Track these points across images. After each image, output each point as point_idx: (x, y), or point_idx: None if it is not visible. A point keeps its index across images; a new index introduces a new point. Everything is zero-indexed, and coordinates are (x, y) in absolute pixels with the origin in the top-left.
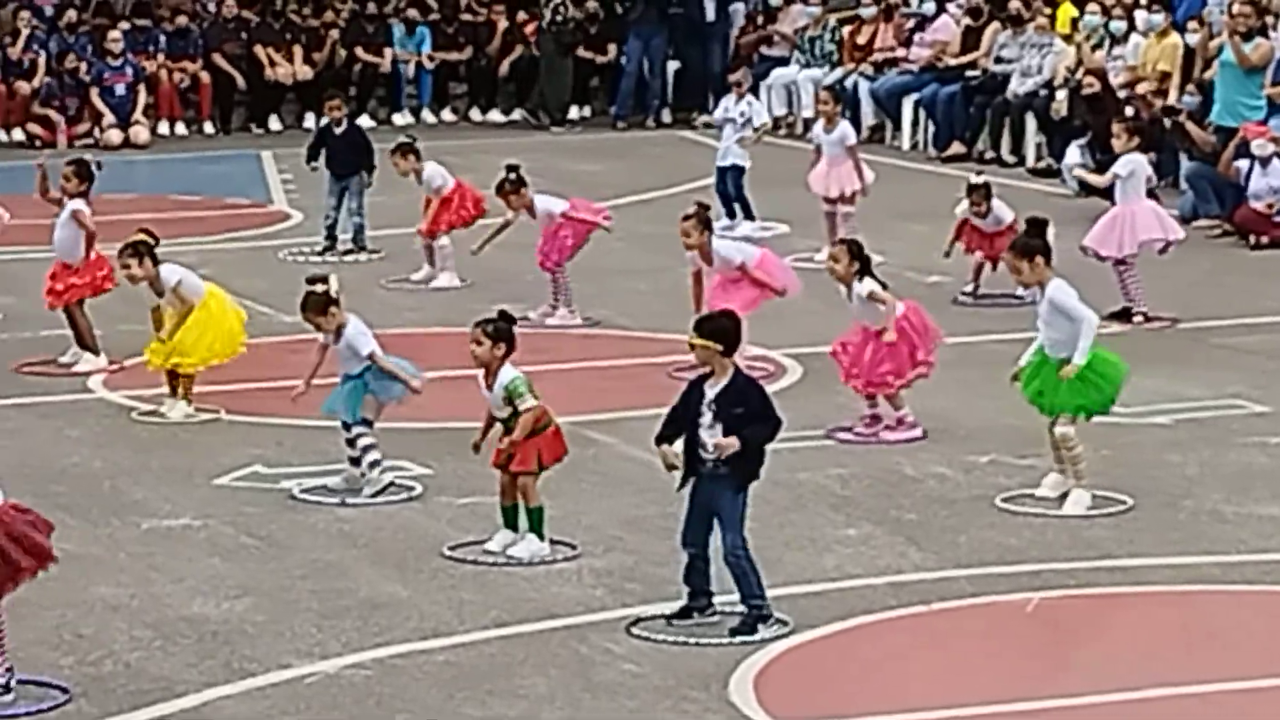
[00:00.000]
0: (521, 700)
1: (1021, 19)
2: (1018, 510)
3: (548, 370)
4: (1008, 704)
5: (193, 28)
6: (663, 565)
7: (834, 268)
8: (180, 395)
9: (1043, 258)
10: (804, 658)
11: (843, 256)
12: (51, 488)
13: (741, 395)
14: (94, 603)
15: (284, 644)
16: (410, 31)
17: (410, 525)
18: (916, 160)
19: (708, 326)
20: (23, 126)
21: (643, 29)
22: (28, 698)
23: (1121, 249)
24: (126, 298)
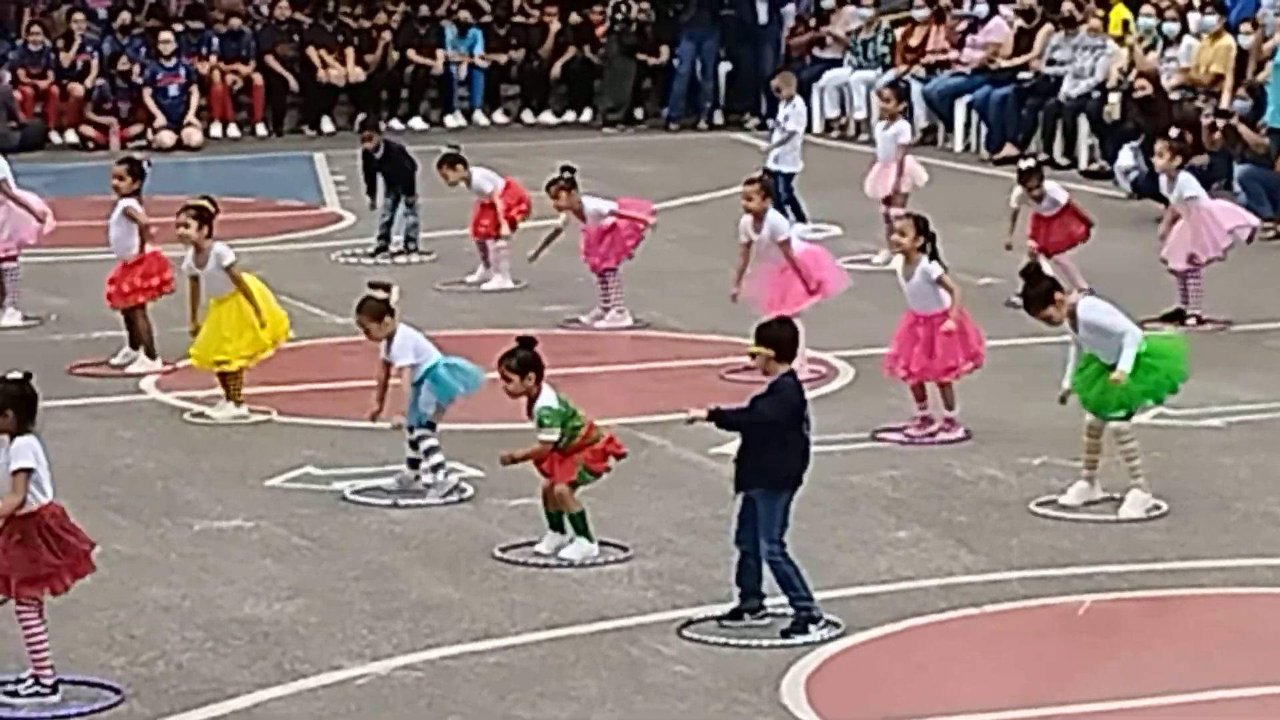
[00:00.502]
0: (573, 702)
1: (1074, 21)
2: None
3: (599, 372)
4: (1059, 707)
5: (245, 30)
6: (714, 567)
7: (900, 241)
8: (230, 397)
9: (1057, 292)
10: (855, 660)
11: (909, 230)
12: (104, 489)
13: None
14: (146, 604)
15: (335, 645)
16: (462, 33)
17: (461, 527)
18: (969, 162)
19: (764, 335)
20: (76, 129)
21: (695, 31)
22: (80, 698)
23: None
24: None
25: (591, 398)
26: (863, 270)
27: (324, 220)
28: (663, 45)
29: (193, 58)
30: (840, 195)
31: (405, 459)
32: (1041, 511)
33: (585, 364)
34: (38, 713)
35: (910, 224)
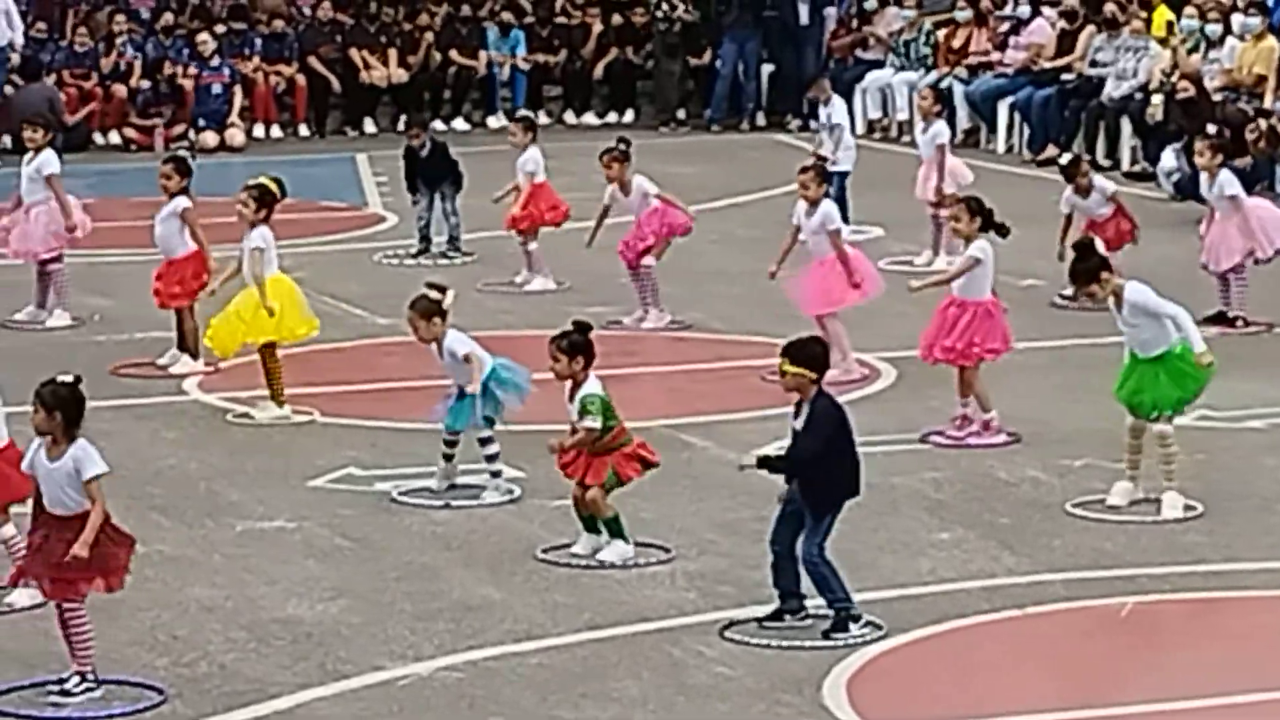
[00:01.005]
0: (614, 703)
1: (1117, 22)
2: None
3: (640, 373)
4: (1101, 709)
5: (288, 31)
6: (755, 568)
7: (957, 227)
8: (273, 397)
9: (1105, 271)
10: (897, 662)
11: (963, 214)
12: (147, 489)
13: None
14: (189, 604)
15: (378, 646)
16: (504, 34)
17: (504, 528)
18: (1011, 164)
19: (800, 354)
20: (119, 130)
21: (737, 32)
22: (124, 698)
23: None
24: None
25: (633, 399)
26: (905, 271)
27: (366, 221)
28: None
29: (236, 59)
30: (883, 197)
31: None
32: (1083, 513)
33: (627, 365)
34: (84, 711)
35: (963, 209)
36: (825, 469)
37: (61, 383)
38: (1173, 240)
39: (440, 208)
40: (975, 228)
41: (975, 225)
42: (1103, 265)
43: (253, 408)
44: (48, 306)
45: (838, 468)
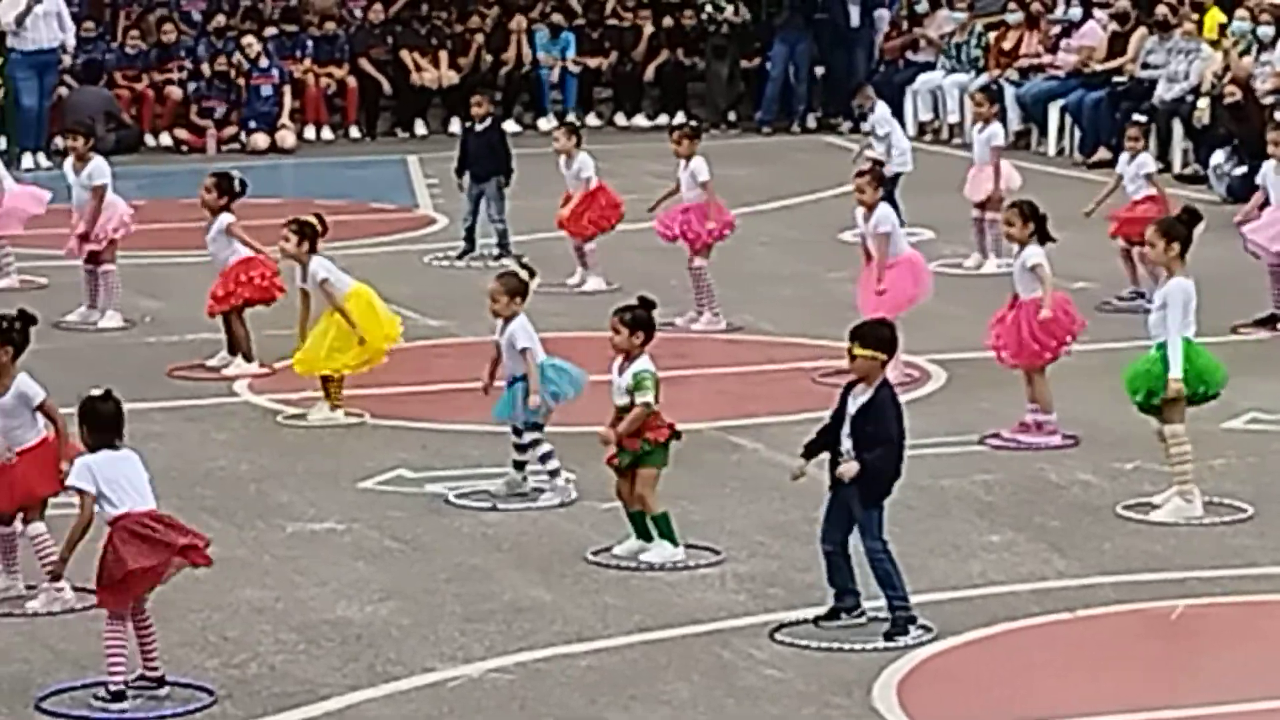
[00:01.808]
0: (664, 705)
1: (1169, 25)
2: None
3: (691, 375)
4: (1151, 712)
5: (339, 33)
6: (806, 570)
7: (1009, 231)
8: (330, 399)
9: (1180, 245)
10: (947, 664)
11: (1016, 219)
12: (198, 490)
13: (879, 412)
14: (239, 605)
15: (428, 648)
16: (554, 36)
17: (554, 530)
18: (1062, 166)
19: (871, 336)
20: (170, 132)
21: (788, 34)
22: (175, 699)
23: None
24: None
25: (683, 401)
26: (955, 274)
27: (417, 223)
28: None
29: (287, 60)
30: (933, 199)
31: (511, 461)
32: (1134, 516)
33: (678, 367)
34: (135, 712)
35: (1015, 213)
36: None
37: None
38: (1224, 243)
39: (486, 211)
40: (1028, 233)
41: (1028, 230)
42: (1183, 239)
43: (308, 409)
44: (99, 307)
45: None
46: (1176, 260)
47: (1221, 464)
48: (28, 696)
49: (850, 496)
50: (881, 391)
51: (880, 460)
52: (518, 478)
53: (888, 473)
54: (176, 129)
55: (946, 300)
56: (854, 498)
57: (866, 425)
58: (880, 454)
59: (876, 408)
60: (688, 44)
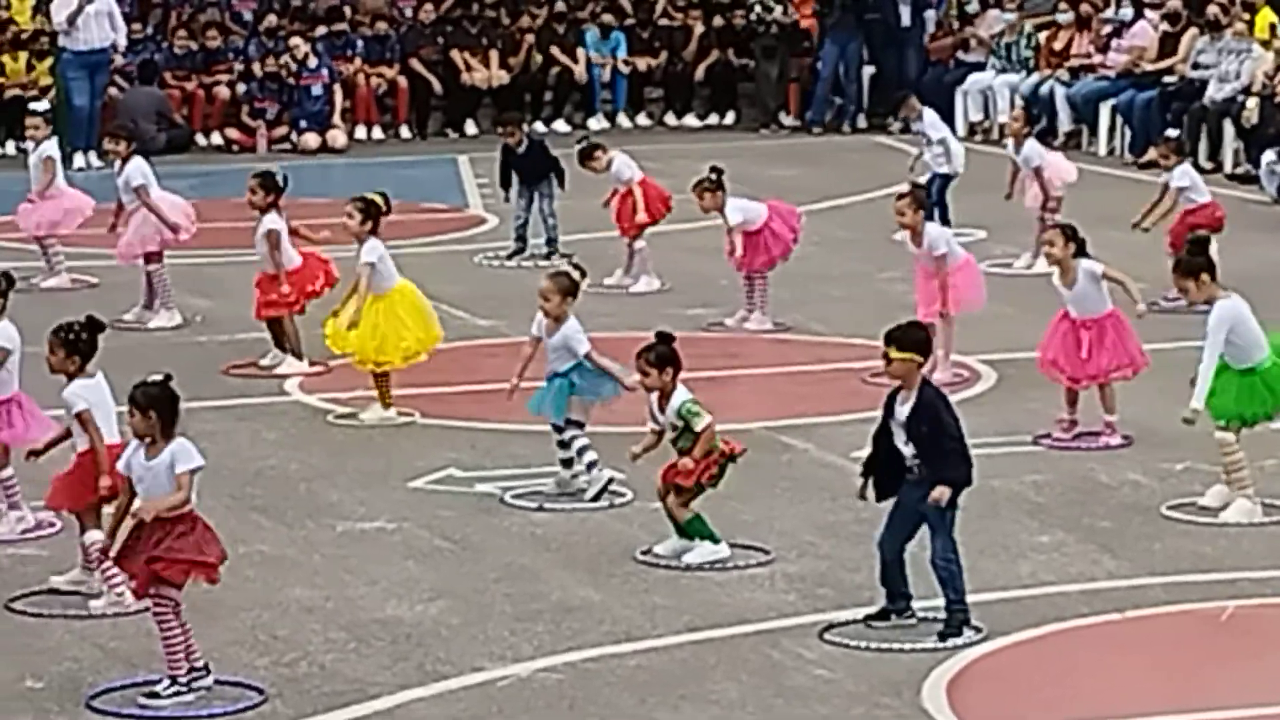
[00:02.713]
0: (713, 705)
1: (1220, 25)
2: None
3: (740, 375)
4: (1202, 713)
5: (390, 33)
6: (855, 571)
7: (1051, 252)
8: (381, 399)
9: (1208, 274)
10: (997, 665)
11: (1058, 240)
12: (248, 490)
13: (929, 410)
14: (289, 604)
15: (477, 647)
16: (605, 36)
17: (603, 529)
18: (1113, 166)
19: (906, 339)
20: (221, 131)
21: (839, 34)
22: (223, 698)
23: None
24: (327, 302)
25: (733, 401)
26: (1005, 274)
27: (467, 223)
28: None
29: (338, 60)
30: (984, 199)
31: (558, 460)
32: (1184, 517)
33: (727, 367)
34: (183, 711)
35: (1058, 234)
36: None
37: (153, 382)
38: (1274, 242)
39: (538, 209)
40: (1070, 253)
41: (1070, 250)
42: (1205, 267)
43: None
44: (154, 307)
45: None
46: (1212, 287)
47: (1273, 465)
48: (78, 695)
49: (922, 500)
50: (925, 391)
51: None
52: (566, 476)
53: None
54: (227, 128)
55: (996, 300)
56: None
57: (921, 426)
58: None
59: (925, 407)
60: (738, 44)
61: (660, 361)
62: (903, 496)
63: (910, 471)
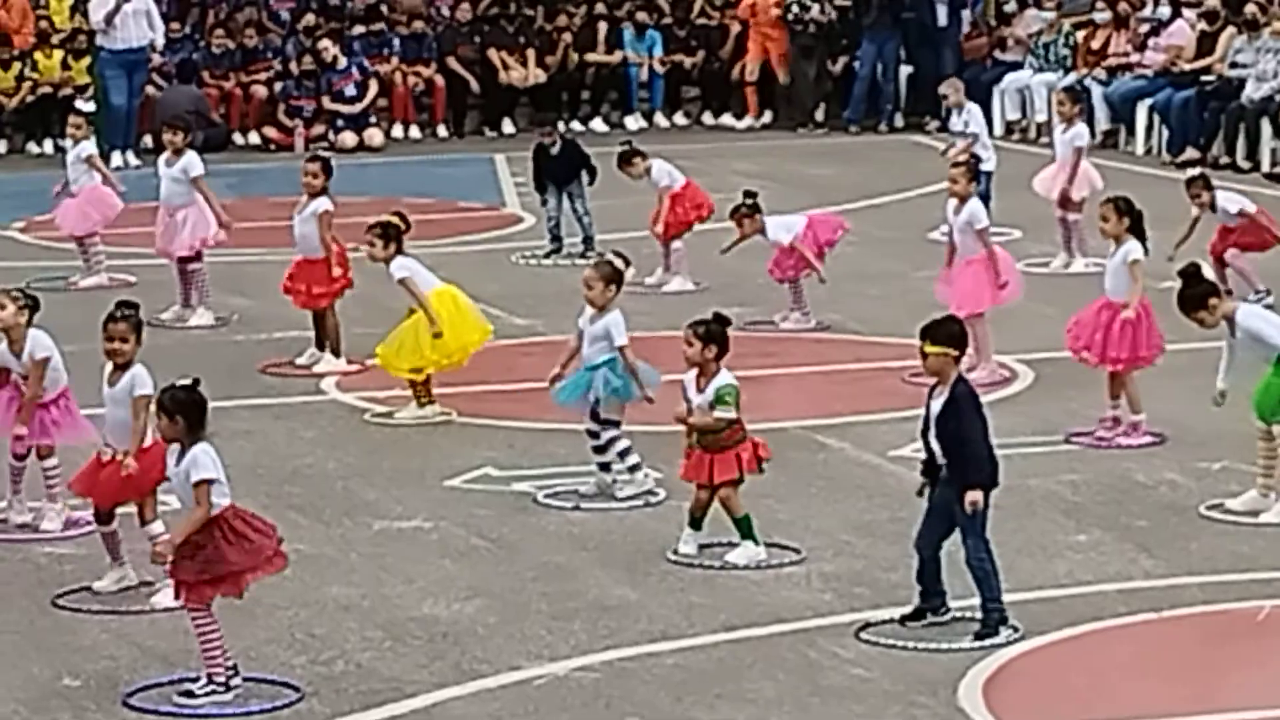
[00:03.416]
0: (750, 704)
1: (1258, 23)
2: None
3: (777, 374)
4: (1239, 713)
5: (427, 32)
6: (892, 570)
7: (1103, 227)
8: (418, 399)
9: (1214, 298)
10: (1033, 664)
11: (1111, 214)
12: (285, 488)
13: (959, 408)
14: (326, 603)
15: (514, 646)
16: (641, 35)
17: (640, 529)
18: (1151, 165)
19: (943, 334)
20: (259, 130)
21: (876, 34)
22: (261, 696)
23: None
24: (361, 301)
25: (770, 399)
26: (1042, 274)
27: (504, 221)
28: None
29: (374, 60)
30: (1021, 198)
31: (595, 463)
32: (1221, 516)
33: (765, 366)
34: (221, 709)
35: (1111, 208)
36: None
37: (180, 388)
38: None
39: (570, 208)
40: (1124, 228)
41: (1124, 225)
42: (1210, 292)
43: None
44: (192, 305)
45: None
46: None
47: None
48: (115, 693)
49: (954, 499)
50: (958, 388)
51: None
52: (606, 479)
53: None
54: (265, 127)
55: (1033, 299)
56: (957, 501)
57: (949, 422)
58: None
59: (956, 404)
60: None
61: (707, 337)
62: (936, 496)
63: (941, 470)
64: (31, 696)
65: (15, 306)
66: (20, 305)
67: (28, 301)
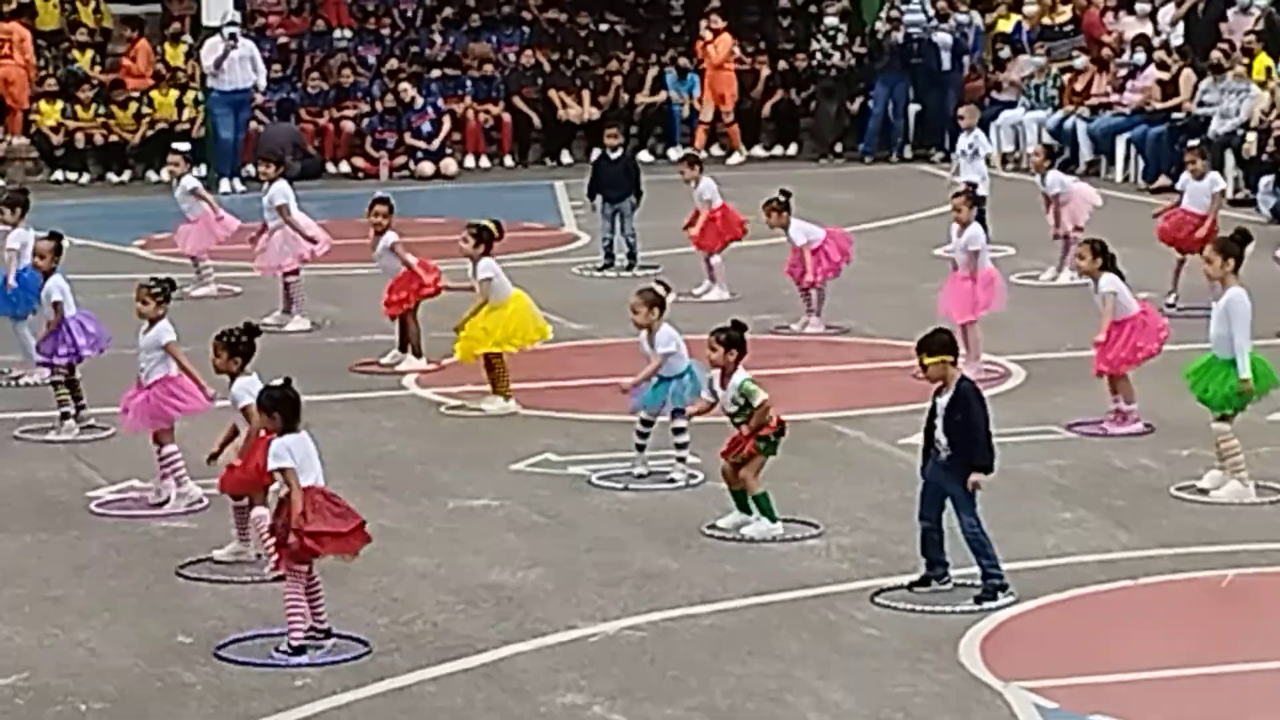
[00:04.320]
0: (777, 660)
1: (1222, 68)
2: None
3: (801, 372)
4: (1206, 668)
5: (496, 75)
6: (901, 543)
7: (1079, 264)
8: (497, 391)
9: (1235, 261)
10: (1025, 625)
11: (1086, 254)
12: (370, 471)
13: (964, 402)
14: (405, 571)
15: (570, 608)
16: (682, 77)
17: (681, 506)
18: (1128, 191)
19: (937, 344)
20: (348, 160)
21: (888, 77)
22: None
23: None
24: (437, 307)
25: (794, 394)
26: (1032, 286)
27: (563, 240)
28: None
29: (450, 100)
30: (1015, 220)
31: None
32: (1190, 496)
33: (790, 365)
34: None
35: (1086, 248)
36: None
37: (276, 387)
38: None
39: (620, 228)
40: (1097, 266)
41: (1097, 264)
42: (1238, 255)
43: (480, 401)
44: (291, 313)
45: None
46: (1231, 276)
47: (1267, 451)
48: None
49: (947, 480)
50: (962, 384)
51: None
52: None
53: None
54: (353, 158)
55: (1026, 308)
56: (952, 480)
57: (955, 414)
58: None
59: (961, 398)
60: (800, 85)
61: (728, 342)
62: (929, 475)
63: (937, 454)
64: (149, 652)
65: (155, 302)
66: (157, 299)
67: (161, 291)
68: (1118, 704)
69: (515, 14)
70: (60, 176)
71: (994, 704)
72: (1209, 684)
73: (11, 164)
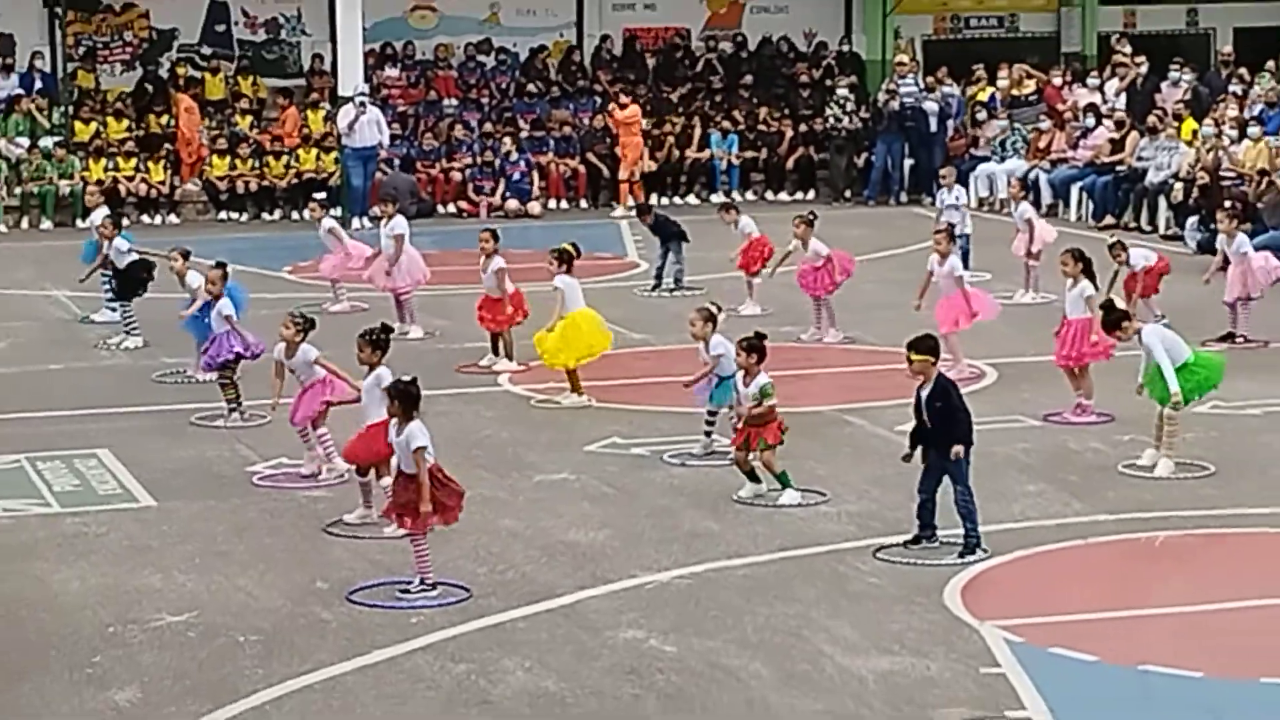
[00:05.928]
0: (796, 603)
1: (1157, 130)
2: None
3: (817, 373)
4: (1141, 610)
5: (573, 135)
6: (898, 510)
7: (1064, 269)
8: (574, 389)
9: (1126, 321)
10: (997, 575)
11: (1069, 260)
12: (473, 452)
13: (942, 392)
14: (500, 530)
15: (632, 561)
16: (724, 137)
17: (722, 480)
18: (1080, 229)
19: (923, 346)
20: (455, 202)
21: (887, 137)
22: (453, 594)
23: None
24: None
25: (811, 391)
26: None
27: (625, 267)
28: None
29: (537, 155)
30: (990, 252)
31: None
32: (1131, 473)
33: (808, 368)
34: (427, 601)
35: (1069, 255)
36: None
37: (402, 381)
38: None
39: (669, 259)
40: (1079, 269)
41: (1079, 268)
42: (1123, 318)
43: (559, 395)
44: (407, 323)
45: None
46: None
47: (1192, 436)
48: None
49: (943, 458)
50: (939, 379)
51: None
52: (709, 442)
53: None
54: (459, 200)
55: (998, 321)
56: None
57: (935, 401)
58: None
59: (940, 389)
60: (817, 143)
61: (750, 349)
62: (930, 458)
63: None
64: (294, 595)
65: (295, 328)
66: (298, 328)
67: (304, 324)
68: (1071, 639)
69: (589, 87)
70: (224, 216)
71: (972, 639)
72: (1144, 622)
73: (185, 205)
